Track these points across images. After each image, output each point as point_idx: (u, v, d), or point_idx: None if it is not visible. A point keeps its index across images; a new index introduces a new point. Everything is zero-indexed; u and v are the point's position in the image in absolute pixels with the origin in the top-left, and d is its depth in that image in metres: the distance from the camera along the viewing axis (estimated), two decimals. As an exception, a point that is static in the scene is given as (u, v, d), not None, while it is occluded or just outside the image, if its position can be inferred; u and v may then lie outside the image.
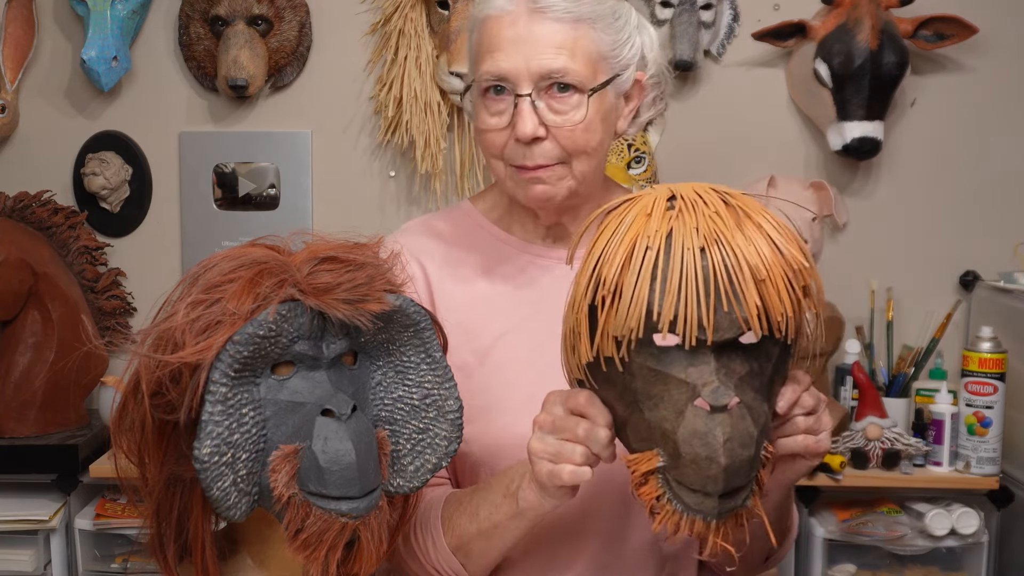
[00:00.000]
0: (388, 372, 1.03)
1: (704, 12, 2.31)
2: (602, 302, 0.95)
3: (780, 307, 0.92)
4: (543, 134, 1.20)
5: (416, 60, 2.32)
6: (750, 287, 0.91)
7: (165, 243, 2.44)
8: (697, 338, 0.92)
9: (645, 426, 0.97)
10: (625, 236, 0.94)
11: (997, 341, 2.12)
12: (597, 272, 0.95)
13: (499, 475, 1.17)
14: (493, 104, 1.22)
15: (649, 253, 0.92)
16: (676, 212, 0.94)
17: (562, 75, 1.18)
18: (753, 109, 2.40)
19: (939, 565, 2.15)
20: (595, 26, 1.20)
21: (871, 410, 2.15)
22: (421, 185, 2.41)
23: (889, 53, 2.21)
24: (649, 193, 0.98)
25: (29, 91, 2.41)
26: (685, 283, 0.91)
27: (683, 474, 0.94)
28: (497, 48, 1.20)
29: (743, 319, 0.92)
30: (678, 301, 0.91)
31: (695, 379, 0.93)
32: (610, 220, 0.98)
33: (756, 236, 0.93)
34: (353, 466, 0.93)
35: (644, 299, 0.92)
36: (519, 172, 1.23)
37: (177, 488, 0.99)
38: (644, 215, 0.95)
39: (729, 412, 0.92)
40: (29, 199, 2.31)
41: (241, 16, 2.30)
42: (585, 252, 0.99)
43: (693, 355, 0.93)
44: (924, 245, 2.41)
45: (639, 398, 0.96)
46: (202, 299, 0.94)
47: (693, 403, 0.93)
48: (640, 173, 2.27)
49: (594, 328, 0.97)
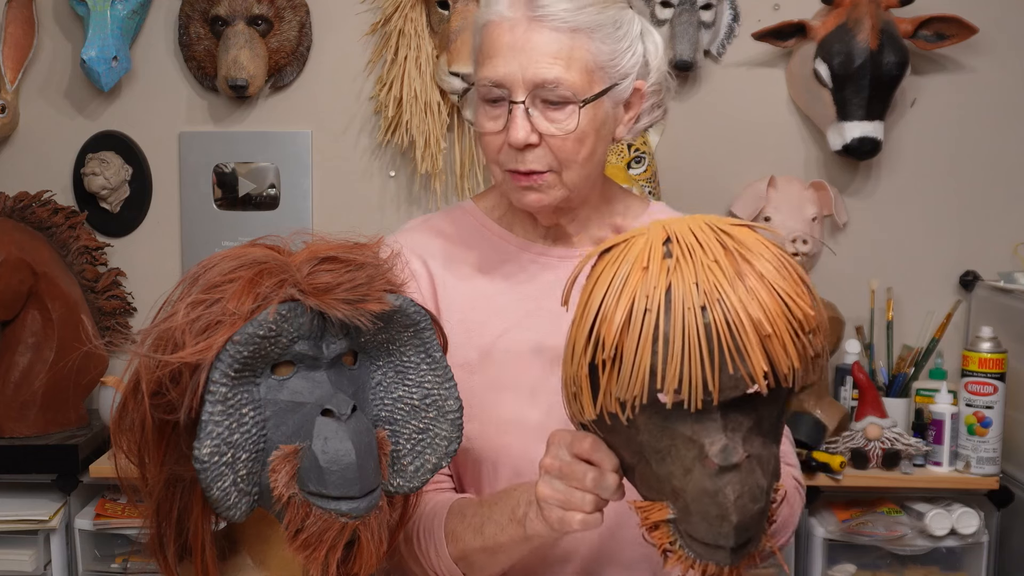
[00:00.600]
0: (388, 372, 1.03)
1: (704, 12, 2.31)
2: (603, 363, 0.92)
3: (787, 360, 0.89)
4: (535, 141, 1.21)
5: (416, 60, 2.32)
6: (755, 345, 0.88)
7: (165, 243, 2.44)
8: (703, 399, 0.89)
9: (654, 478, 0.95)
10: (623, 293, 0.91)
11: (997, 341, 2.12)
12: (596, 331, 0.92)
13: (504, 494, 1.17)
14: (491, 109, 1.23)
15: (649, 316, 0.89)
16: (674, 263, 0.91)
17: (555, 85, 1.18)
18: (753, 109, 2.40)
19: (939, 565, 2.15)
20: (593, 36, 1.20)
21: (871, 410, 2.15)
22: (421, 185, 2.41)
23: (889, 53, 2.21)
24: (643, 234, 0.95)
25: (29, 91, 2.41)
26: (688, 346, 0.88)
27: (693, 529, 0.93)
28: (495, 54, 1.21)
29: (749, 376, 0.89)
30: (682, 365, 0.88)
31: (702, 437, 0.91)
32: (605, 268, 0.95)
33: (758, 287, 0.89)
34: (353, 466, 0.93)
35: (647, 365, 0.89)
36: (513, 177, 1.24)
37: (177, 488, 0.99)
38: (641, 268, 0.91)
39: (739, 469, 0.91)
40: (29, 199, 2.31)
41: (241, 16, 2.30)
42: (581, 298, 0.97)
43: (699, 413, 0.91)
44: (924, 245, 2.41)
45: (645, 451, 0.95)
46: (202, 299, 0.94)
47: (701, 461, 0.91)
48: (640, 173, 2.27)
49: (595, 385, 0.95)
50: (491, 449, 1.25)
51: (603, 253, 0.98)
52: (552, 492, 1.04)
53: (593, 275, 0.96)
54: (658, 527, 0.96)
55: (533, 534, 1.10)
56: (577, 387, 0.97)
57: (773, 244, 0.94)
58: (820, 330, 0.92)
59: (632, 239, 0.96)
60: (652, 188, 2.26)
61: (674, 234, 0.93)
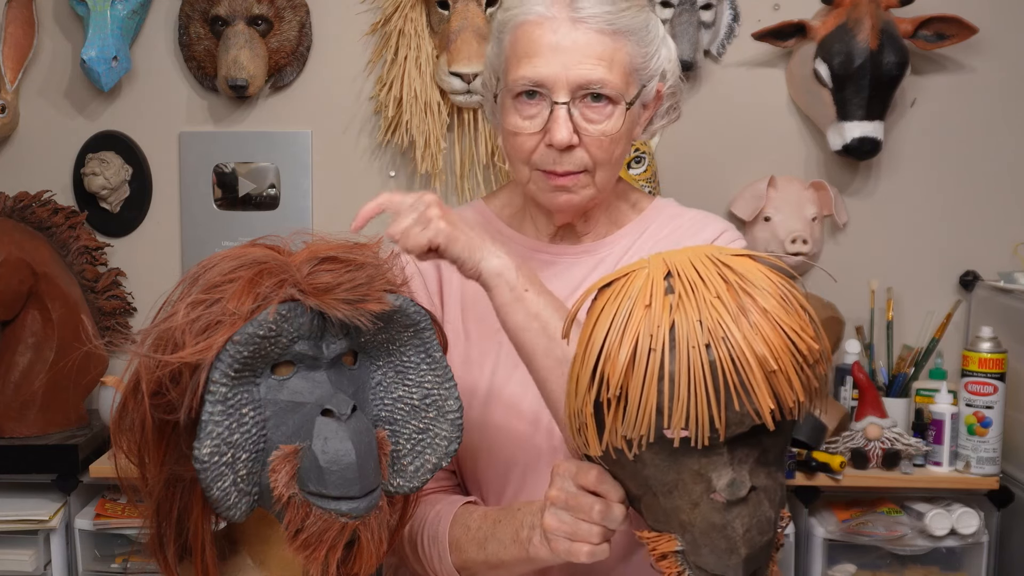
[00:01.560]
0: (388, 372, 1.03)
1: (704, 12, 2.31)
2: (607, 402, 0.92)
3: (792, 394, 0.89)
4: (577, 142, 1.21)
5: (416, 60, 2.32)
6: (760, 382, 0.88)
7: (165, 243, 2.44)
8: (708, 436, 0.89)
9: (661, 511, 0.95)
10: (625, 331, 0.91)
11: (997, 341, 2.12)
12: (600, 370, 0.92)
13: (509, 513, 1.17)
14: (526, 108, 1.22)
15: (654, 355, 0.89)
16: (676, 300, 0.90)
17: (600, 86, 1.19)
18: (753, 109, 2.40)
19: (939, 565, 2.15)
20: (631, 39, 1.21)
21: (871, 410, 2.15)
22: (421, 185, 2.41)
23: (889, 53, 2.21)
24: (644, 268, 0.95)
25: (29, 91, 2.41)
26: (694, 384, 0.88)
27: (703, 561, 0.93)
28: (536, 54, 1.20)
29: (755, 412, 0.89)
30: (688, 403, 0.88)
31: (709, 471, 0.91)
32: (606, 304, 0.94)
33: (761, 323, 0.89)
34: (353, 466, 0.93)
35: (653, 404, 0.89)
36: (547, 177, 1.24)
37: (177, 488, 0.99)
38: (643, 305, 0.91)
39: (746, 502, 0.91)
40: (29, 199, 2.31)
41: (241, 16, 2.30)
42: (583, 335, 0.96)
43: (706, 449, 0.91)
44: (924, 245, 2.41)
45: (652, 484, 0.95)
46: (202, 299, 0.94)
47: (709, 496, 0.91)
48: (640, 173, 2.27)
49: (600, 421, 0.95)
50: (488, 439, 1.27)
51: (603, 288, 0.97)
52: (559, 524, 1.04)
53: (594, 311, 0.96)
54: (666, 557, 0.96)
55: (536, 558, 1.11)
56: (581, 423, 0.96)
57: (775, 274, 0.93)
58: (823, 360, 0.93)
59: (632, 273, 0.95)
60: (652, 188, 2.26)
61: (675, 268, 0.93)
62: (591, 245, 1.33)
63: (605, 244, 1.33)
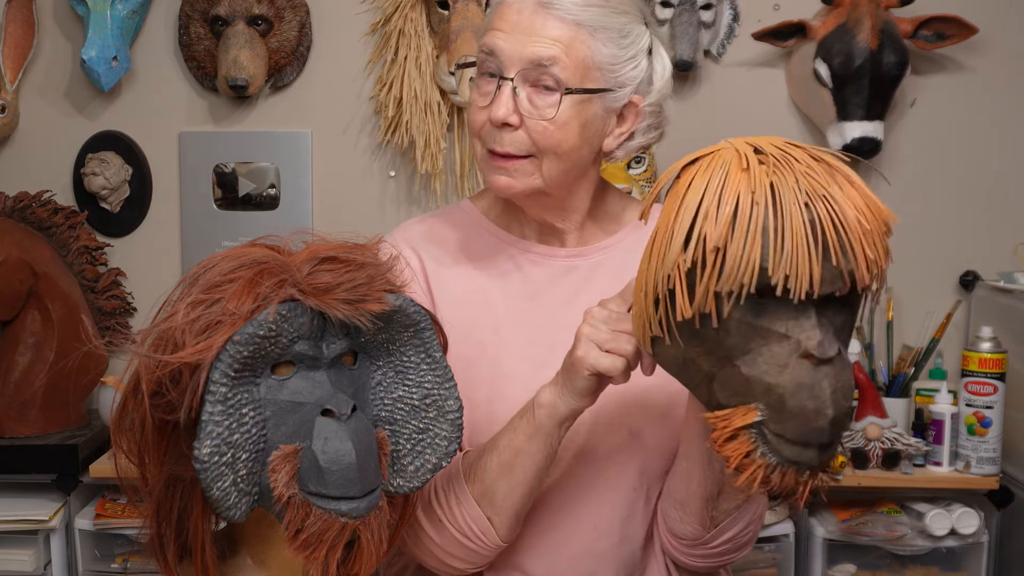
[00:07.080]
0: (388, 372, 1.03)
1: (704, 12, 2.31)
2: (702, 259, 0.94)
3: (878, 258, 0.94)
4: (515, 122, 1.22)
5: (416, 60, 2.32)
6: (857, 240, 0.93)
7: (165, 243, 2.44)
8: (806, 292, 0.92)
9: (741, 381, 0.96)
10: (724, 191, 0.94)
11: (997, 341, 2.12)
12: (698, 229, 0.94)
13: None
14: (484, 84, 1.25)
15: (756, 209, 0.92)
16: (771, 167, 0.94)
17: (550, 63, 1.20)
18: (753, 109, 2.40)
19: (939, 565, 2.15)
20: (595, 35, 1.22)
21: (871, 410, 2.15)
22: (421, 185, 2.41)
23: (889, 53, 2.21)
24: (727, 147, 0.98)
25: (29, 91, 2.41)
26: (796, 238, 0.91)
27: (786, 427, 0.95)
28: (498, 28, 1.24)
29: (848, 272, 0.93)
30: (793, 256, 0.91)
31: (797, 333, 0.94)
32: (697, 174, 0.97)
33: (851, 190, 0.95)
34: (353, 466, 0.93)
35: (758, 255, 0.92)
36: (490, 157, 1.26)
37: (177, 488, 0.99)
38: (740, 169, 0.94)
39: (833, 363, 0.94)
40: (29, 199, 2.31)
41: (241, 16, 2.30)
42: (669, 206, 0.98)
43: (794, 309, 0.94)
44: (924, 245, 2.41)
45: (733, 353, 0.96)
46: (202, 299, 0.94)
47: (798, 356, 0.94)
48: (640, 173, 2.27)
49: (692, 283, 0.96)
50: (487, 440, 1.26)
51: (687, 166, 0.99)
52: (595, 332, 1.10)
53: (681, 184, 0.98)
54: (736, 437, 0.97)
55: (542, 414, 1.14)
56: (668, 292, 0.98)
57: None
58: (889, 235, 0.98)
59: (718, 151, 0.98)
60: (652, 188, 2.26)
61: (759, 145, 0.97)
62: (582, 249, 1.33)
63: (598, 249, 1.33)
